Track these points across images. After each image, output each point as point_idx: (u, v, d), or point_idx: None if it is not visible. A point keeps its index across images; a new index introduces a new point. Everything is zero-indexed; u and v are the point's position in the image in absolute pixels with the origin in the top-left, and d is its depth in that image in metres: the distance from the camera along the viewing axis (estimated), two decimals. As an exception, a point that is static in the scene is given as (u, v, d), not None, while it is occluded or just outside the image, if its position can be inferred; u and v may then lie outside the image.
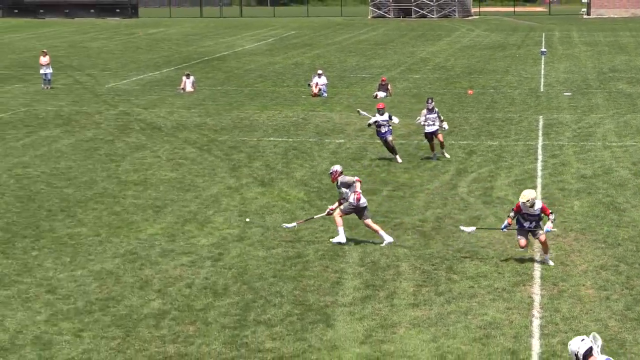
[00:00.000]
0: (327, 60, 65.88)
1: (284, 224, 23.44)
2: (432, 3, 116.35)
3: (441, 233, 23.10)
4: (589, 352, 12.18)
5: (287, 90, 50.38)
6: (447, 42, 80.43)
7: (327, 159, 31.99)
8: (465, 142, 33.21)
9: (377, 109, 31.43)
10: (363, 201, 22.26)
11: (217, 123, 39.61)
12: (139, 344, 16.51)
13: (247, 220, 24.37)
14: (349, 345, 16.36)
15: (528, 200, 20.21)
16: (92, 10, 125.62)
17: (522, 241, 20.55)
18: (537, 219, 20.48)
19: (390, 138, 31.35)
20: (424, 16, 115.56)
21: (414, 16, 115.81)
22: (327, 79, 49.09)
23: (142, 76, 57.47)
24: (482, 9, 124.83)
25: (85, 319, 17.68)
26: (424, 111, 31.37)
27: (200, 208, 25.71)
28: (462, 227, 21.72)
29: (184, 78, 50.55)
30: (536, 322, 17.30)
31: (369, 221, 22.44)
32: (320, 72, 48.88)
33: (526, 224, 20.50)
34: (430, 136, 31.32)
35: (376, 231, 22.37)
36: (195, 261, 21.07)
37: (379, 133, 31.60)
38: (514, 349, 16.07)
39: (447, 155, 31.74)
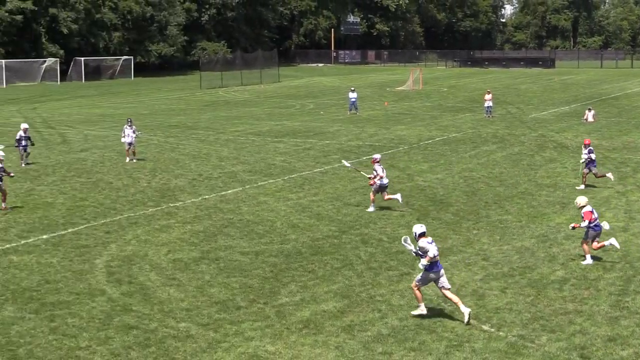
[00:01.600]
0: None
1: (343, 161, 26.60)
2: None
3: None
4: (422, 233, 14.51)
5: (664, 121, 46.70)
6: None
7: (695, 173, 29.22)
8: None
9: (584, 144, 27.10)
10: (384, 182, 23.27)
11: (610, 144, 37.39)
12: (546, 301, 15.87)
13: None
14: None
15: (577, 203, 18.46)
16: (522, 62, 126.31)
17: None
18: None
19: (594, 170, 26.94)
20: None
21: None
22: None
23: (556, 109, 55.58)
24: None
25: (509, 280, 17.26)
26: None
27: (595, 206, 24.16)
28: None
29: (586, 111, 48.43)
30: None
31: (385, 194, 23.51)
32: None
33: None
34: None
35: (390, 199, 23.46)
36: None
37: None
38: None
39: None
